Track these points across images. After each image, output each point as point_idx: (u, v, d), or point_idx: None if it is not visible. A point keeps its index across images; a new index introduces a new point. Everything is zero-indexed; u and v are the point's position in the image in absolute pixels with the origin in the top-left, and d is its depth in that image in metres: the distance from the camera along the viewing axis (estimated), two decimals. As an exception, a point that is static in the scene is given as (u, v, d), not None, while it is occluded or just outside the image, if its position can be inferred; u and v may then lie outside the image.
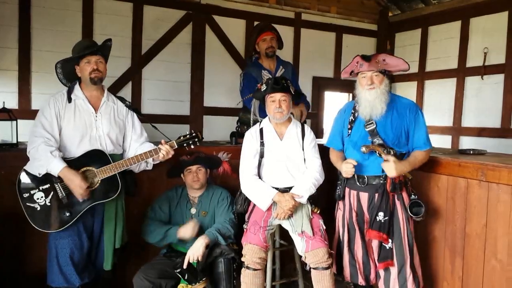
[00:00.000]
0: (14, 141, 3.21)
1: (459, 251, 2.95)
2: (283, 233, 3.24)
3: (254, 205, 3.06)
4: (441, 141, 5.54)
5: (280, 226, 3.15)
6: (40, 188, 2.66)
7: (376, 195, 2.87)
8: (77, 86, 2.85)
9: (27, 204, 2.64)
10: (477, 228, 2.83)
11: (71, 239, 2.69)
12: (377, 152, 2.77)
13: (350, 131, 2.98)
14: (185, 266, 2.86)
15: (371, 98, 2.82)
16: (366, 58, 2.83)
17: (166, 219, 3.21)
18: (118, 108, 2.95)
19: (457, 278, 2.98)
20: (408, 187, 2.91)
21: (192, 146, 2.95)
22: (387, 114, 2.85)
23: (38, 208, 2.64)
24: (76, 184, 2.61)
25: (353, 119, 2.97)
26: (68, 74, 2.90)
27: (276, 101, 3.01)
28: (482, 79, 5.41)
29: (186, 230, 3.01)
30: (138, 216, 3.20)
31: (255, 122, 3.59)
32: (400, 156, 2.84)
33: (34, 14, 4.58)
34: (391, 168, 2.73)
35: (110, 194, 2.74)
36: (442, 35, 5.95)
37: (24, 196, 2.65)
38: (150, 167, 3.01)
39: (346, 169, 2.88)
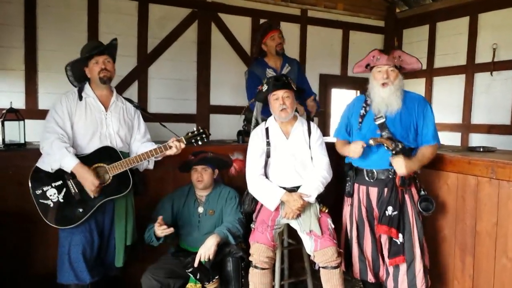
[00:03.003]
0: (22, 141, 3.22)
1: (470, 250, 2.92)
2: (292, 232, 3.23)
3: (262, 205, 3.04)
4: (450, 139, 5.51)
5: (288, 225, 3.14)
6: (53, 184, 2.68)
7: (386, 189, 2.85)
8: (87, 85, 2.89)
9: (40, 201, 2.65)
10: (488, 226, 2.80)
11: (83, 236, 2.71)
12: (385, 145, 2.76)
13: (360, 124, 2.96)
14: (196, 265, 2.85)
15: (385, 95, 2.81)
16: (385, 51, 2.82)
17: (169, 218, 3.20)
18: (126, 108, 3.00)
19: (467, 277, 2.95)
20: (417, 183, 2.90)
21: (200, 143, 2.96)
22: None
23: (51, 205, 2.66)
24: (89, 182, 2.64)
25: (364, 113, 2.96)
26: (79, 76, 2.92)
27: (279, 99, 3.00)
28: (491, 75, 5.36)
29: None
30: (146, 215, 3.19)
31: (257, 124, 3.58)
32: (409, 151, 2.82)
33: (40, 13, 4.60)
34: (401, 165, 2.71)
35: (122, 190, 2.77)
36: (450, 31, 5.90)
37: (37, 193, 2.66)
38: (151, 166, 3.02)
39: (355, 148, 2.83)
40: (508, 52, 5.20)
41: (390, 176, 2.84)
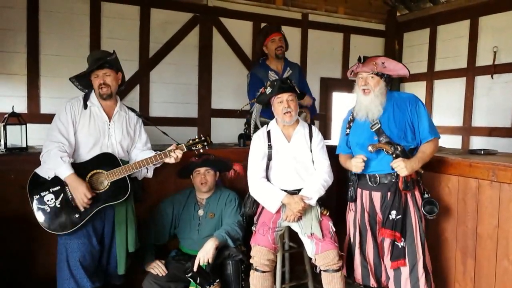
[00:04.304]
0: (24, 145, 3.23)
1: (471, 252, 2.92)
2: (293, 235, 3.23)
3: (263, 207, 3.05)
4: (451, 141, 5.49)
5: (289, 228, 3.14)
6: (50, 190, 2.68)
7: (389, 193, 2.85)
8: (93, 94, 2.89)
9: (38, 205, 2.66)
10: (489, 229, 2.80)
11: (81, 242, 2.69)
12: (385, 150, 2.77)
13: (348, 130, 3.00)
14: (195, 269, 2.85)
15: (366, 103, 2.85)
16: (360, 59, 2.85)
17: (169, 222, 3.21)
18: (130, 118, 3.00)
19: (469, 279, 2.94)
20: (421, 186, 2.89)
21: (201, 150, 2.97)
22: (388, 111, 2.86)
23: (48, 210, 2.65)
24: (80, 192, 2.62)
25: (352, 119, 3.01)
26: (86, 84, 2.94)
27: (283, 102, 3.00)
28: (492, 78, 5.36)
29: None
30: (147, 221, 3.21)
31: (255, 127, 3.59)
32: (410, 152, 2.82)
33: (42, 18, 4.62)
34: (402, 167, 2.71)
35: (120, 196, 2.76)
36: (451, 34, 5.90)
37: (35, 198, 2.66)
38: (150, 174, 3.02)
39: (356, 163, 2.87)
40: (509, 55, 5.20)
41: (393, 180, 2.83)
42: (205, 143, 2.97)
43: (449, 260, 3.08)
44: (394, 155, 2.76)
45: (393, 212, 2.81)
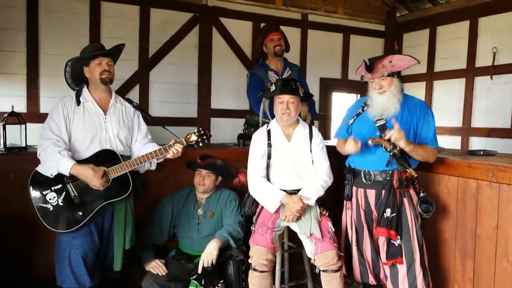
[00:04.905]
0: (23, 145, 3.23)
1: (470, 253, 2.92)
2: (292, 235, 3.23)
3: (262, 207, 3.05)
4: (450, 142, 5.50)
5: (288, 228, 3.14)
6: (52, 188, 2.66)
7: (383, 191, 2.86)
8: (85, 89, 2.86)
9: (40, 205, 2.64)
10: (488, 230, 2.80)
11: (84, 240, 2.69)
12: (383, 146, 2.77)
13: (352, 120, 3.01)
14: (199, 271, 2.85)
15: (383, 101, 2.85)
16: (368, 68, 2.83)
17: (169, 220, 3.21)
18: (126, 109, 2.97)
19: (468, 280, 2.95)
20: (416, 185, 2.90)
21: (201, 144, 2.95)
22: (399, 111, 2.87)
23: (51, 209, 2.64)
24: (91, 176, 2.62)
25: (361, 112, 3.00)
26: (76, 76, 2.90)
27: (284, 103, 3.01)
28: (492, 79, 5.36)
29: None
30: (145, 219, 3.21)
31: (263, 123, 3.59)
32: (407, 153, 2.82)
33: (42, 18, 4.61)
34: (397, 133, 2.69)
35: (122, 193, 2.75)
36: (450, 35, 5.91)
37: (37, 197, 2.65)
38: (153, 167, 3.01)
39: (350, 143, 2.86)
40: (508, 55, 5.21)
41: (388, 178, 2.85)
42: (205, 137, 2.95)
43: (448, 260, 3.08)
44: (391, 153, 2.77)
45: (388, 210, 2.82)
